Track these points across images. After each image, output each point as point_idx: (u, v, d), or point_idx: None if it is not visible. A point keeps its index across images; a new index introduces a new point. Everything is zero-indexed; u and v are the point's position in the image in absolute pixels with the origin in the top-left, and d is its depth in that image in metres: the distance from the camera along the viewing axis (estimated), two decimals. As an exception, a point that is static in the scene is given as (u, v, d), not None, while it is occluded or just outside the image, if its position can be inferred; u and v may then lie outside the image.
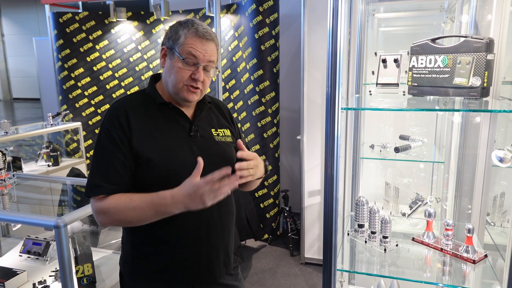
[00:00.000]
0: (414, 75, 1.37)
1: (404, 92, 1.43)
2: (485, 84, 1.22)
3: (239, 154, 1.18)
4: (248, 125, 3.73)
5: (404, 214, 2.12)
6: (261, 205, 3.76)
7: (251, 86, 3.62)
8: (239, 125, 3.81)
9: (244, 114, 3.75)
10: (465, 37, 1.25)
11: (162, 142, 1.25)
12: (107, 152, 1.22)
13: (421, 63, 1.35)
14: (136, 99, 1.31)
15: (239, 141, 1.23)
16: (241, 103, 3.77)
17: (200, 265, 1.30)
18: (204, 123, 1.35)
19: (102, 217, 1.20)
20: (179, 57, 1.22)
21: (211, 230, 1.29)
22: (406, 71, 1.41)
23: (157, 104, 1.29)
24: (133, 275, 1.33)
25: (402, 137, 2.29)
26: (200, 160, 1.12)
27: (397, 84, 1.47)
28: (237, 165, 1.14)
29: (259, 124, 3.63)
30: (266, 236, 3.81)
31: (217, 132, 1.36)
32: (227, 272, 1.38)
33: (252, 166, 1.17)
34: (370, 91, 1.55)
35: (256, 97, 3.59)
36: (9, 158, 2.66)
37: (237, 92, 3.81)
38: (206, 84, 1.28)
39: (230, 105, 3.88)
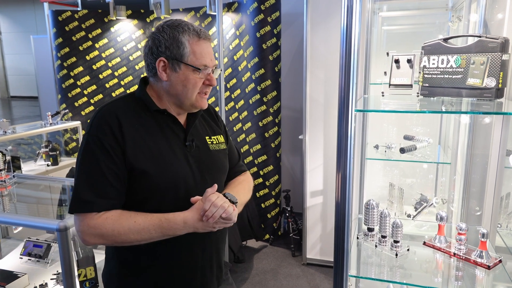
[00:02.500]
0: (426, 76, 1.34)
1: (418, 93, 1.39)
2: (500, 85, 1.20)
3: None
4: (249, 124, 3.70)
5: (409, 216, 2.09)
6: (262, 205, 3.74)
7: (252, 85, 3.59)
8: (239, 125, 3.77)
9: (245, 113, 3.72)
10: (479, 36, 1.22)
11: (157, 153, 1.15)
12: (98, 162, 1.10)
13: (433, 63, 1.32)
14: (126, 105, 1.19)
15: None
16: (242, 102, 3.74)
17: (194, 280, 1.26)
18: (199, 131, 1.28)
19: (95, 239, 1.09)
20: (193, 68, 1.14)
21: (207, 243, 1.25)
22: (419, 72, 1.38)
23: (150, 111, 1.19)
24: None
25: (406, 137, 2.26)
26: (212, 188, 1.14)
27: (410, 85, 1.44)
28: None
29: (260, 124, 3.60)
30: (267, 236, 3.79)
31: (211, 140, 1.29)
32: (219, 285, 1.34)
33: (214, 210, 1.10)
34: (382, 92, 1.52)
35: (258, 96, 3.56)
36: (8, 158, 2.62)
37: (238, 91, 3.77)
38: None
39: (231, 104, 3.85)
